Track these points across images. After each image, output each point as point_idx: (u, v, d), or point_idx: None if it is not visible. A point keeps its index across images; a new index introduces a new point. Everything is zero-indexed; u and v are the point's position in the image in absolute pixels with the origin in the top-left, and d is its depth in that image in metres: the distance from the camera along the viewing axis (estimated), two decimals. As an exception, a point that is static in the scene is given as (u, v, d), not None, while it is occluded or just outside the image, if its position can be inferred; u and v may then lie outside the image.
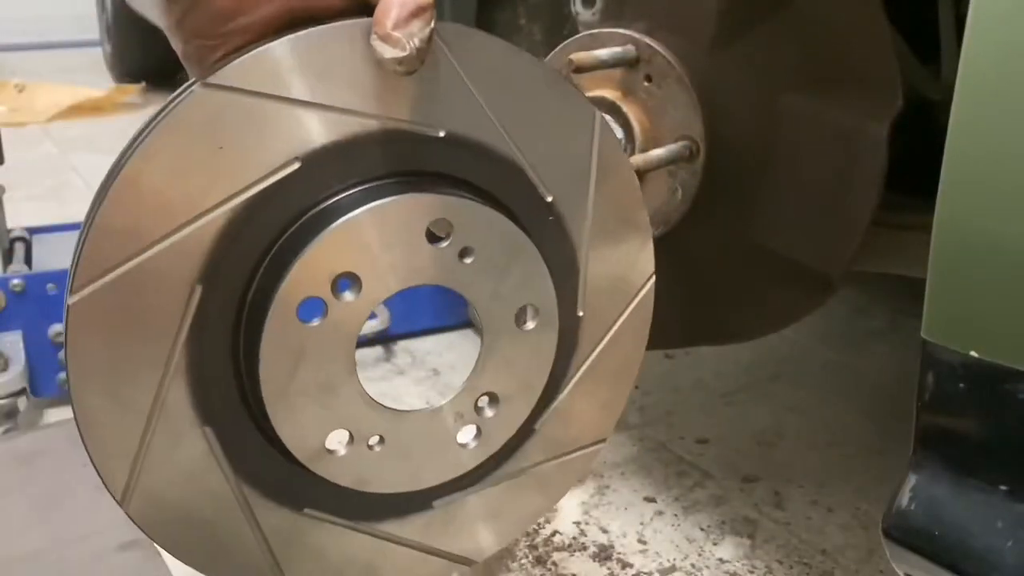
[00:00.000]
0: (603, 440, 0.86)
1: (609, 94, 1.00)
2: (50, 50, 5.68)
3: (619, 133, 0.98)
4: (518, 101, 0.70)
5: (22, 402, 1.46)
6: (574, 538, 1.23)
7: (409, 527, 0.77)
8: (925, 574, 0.69)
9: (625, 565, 1.18)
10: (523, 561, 1.18)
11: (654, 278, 0.82)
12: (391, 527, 0.76)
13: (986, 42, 0.59)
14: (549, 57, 1.05)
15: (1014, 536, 0.63)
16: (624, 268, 0.80)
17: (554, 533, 1.24)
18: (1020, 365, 0.61)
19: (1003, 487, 0.64)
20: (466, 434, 0.74)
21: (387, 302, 1.75)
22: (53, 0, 5.61)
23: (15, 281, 1.53)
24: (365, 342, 1.80)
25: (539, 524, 1.26)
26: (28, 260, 1.77)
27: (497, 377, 0.73)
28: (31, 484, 1.27)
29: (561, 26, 1.21)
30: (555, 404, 0.79)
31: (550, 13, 1.26)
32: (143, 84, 4.21)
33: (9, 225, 1.83)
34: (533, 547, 1.21)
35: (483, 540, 0.82)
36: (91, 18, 4.92)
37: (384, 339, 1.82)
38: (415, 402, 1.47)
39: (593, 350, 0.80)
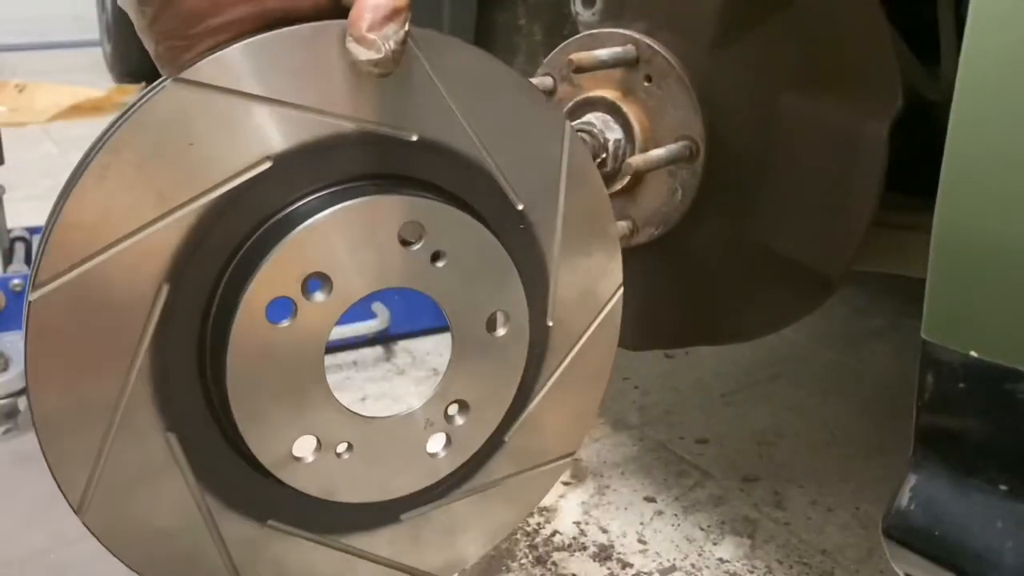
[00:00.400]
0: (572, 453, 0.85)
1: (609, 94, 1.00)
2: (50, 50, 5.68)
3: (619, 133, 0.98)
4: (490, 108, 0.70)
5: (22, 402, 1.46)
6: (574, 538, 1.23)
7: (376, 541, 0.76)
8: (925, 574, 0.69)
9: (625, 565, 1.18)
10: (523, 561, 1.18)
11: (622, 289, 0.82)
12: (357, 540, 0.75)
13: (986, 42, 0.59)
14: (549, 57, 1.05)
15: (1014, 536, 0.63)
16: (593, 278, 0.80)
17: (554, 533, 1.24)
18: (1020, 365, 0.61)
19: (1003, 487, 0.64)
20: (436, 442, 0.73)
21: (387, 302, 1.77)
22: (53, 0, 5.61)
23: (15, 281, 1.53)
24: (365, 342, 1.80)
25: (539, 524, 1.26)
26: (28, 260, 1.78)
27: (467, 384, 0.72)
28: (31, 484, 1.27)
29: (561, 26, 1.21)
30: (525, 415, 0.79)
31: (550, 13, 1.26)
32: (143, 84, 4.22)
33: (9, 225, 1.83)
34: (533, 547, 1.21)
35: (451, 555, 0.81)
36: (91, 18, 4.93)
37: (384, 339, 1.82)
38: (412, 402, 1.48)
39: (562, 360, 0.80)
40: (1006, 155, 0.59)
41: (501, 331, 0.72)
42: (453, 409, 0.73)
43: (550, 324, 0.77)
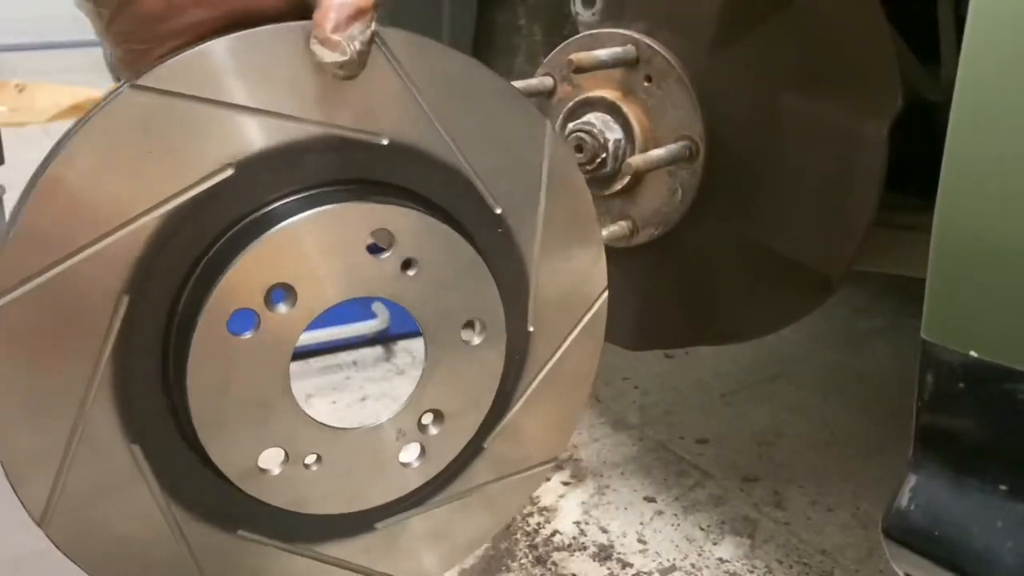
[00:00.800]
0: (555, 459, 0.84)
1: (609, 94, 1.00)
2: (50, 50, 5.68)
3: (619, 133, 0.98)
4: (466, 109, 0.68)
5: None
6: (574, 538, 1.23)
7: (350, 549, 0.74)
8: (925, 574, 0.69)
9: (625, 565, 1.18)
10: (523, 561, 1.18)
11: (607, 293, 0.80)
12: (331, 549, 0.73)
13: (986, 42, 0.59)
14: (549, 57, 1.05)
15: (1014, 536, 0.63)
16: (576, 282, 0.78)
17: (554, 533, 1.24)
18: (1020, 365, 0.61)
19: (1003, 487, 0.64)
20: (409, 453, 0.72)
21: (387, 302, 1.77)
22: (53, 0, 5.62)
23: (15, 281, 1.52)
24: (365, 342, 1.80)
25: (539, 524, 1.26)
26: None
27: (442, 393, 0.71)
28: (31, 484, 1.27)
29: (561, 26, 1.21)
30: (504, 422, 0.77)
31: (550, 13, 1.26)
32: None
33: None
34: (533, 547, 1.21)
35: (428, 563, 0.80)
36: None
37: (384, 339, 1.82)
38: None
39: (544, 366, 0.78)
40: (1006, 155, 0.59)
41: (477, 339, 0.71)
42: (427, 419, 0.72)
43: (531, 329, 0.76)
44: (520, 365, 0.77)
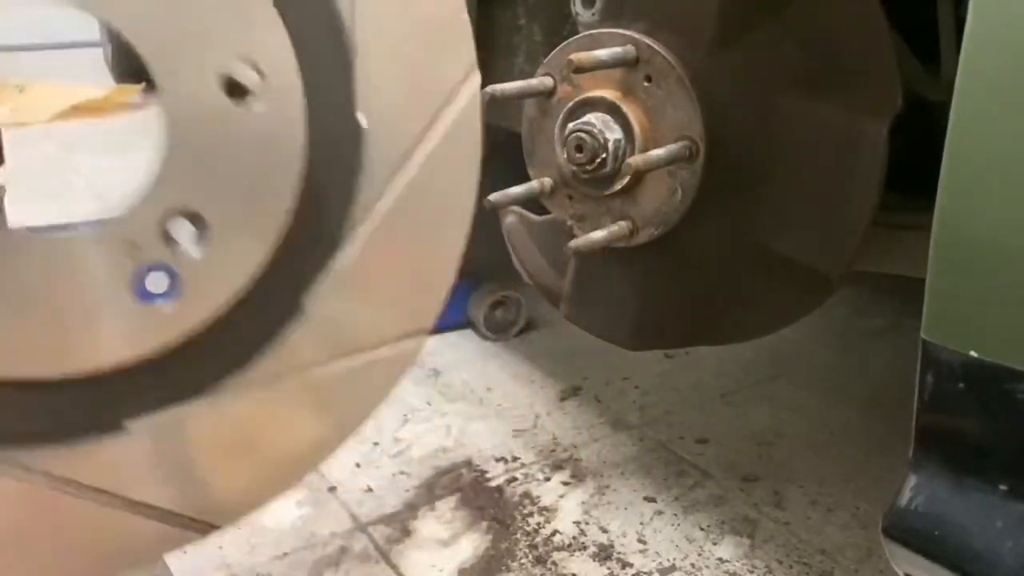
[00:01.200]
0: (422, 331, 0.55)
1: (609, 94, 0.99)
2: (50, 50, 5.68)
3: (619, 133, 0.98)
4: None
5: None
6: (574, 538, 1.23)
7: (84, 462, 0.45)
8: (925, 574, 0.69)
9: (625, 565, 1.18)
10: (523, 561, 1.18)
11: (479, 77, 0.54)
12: (47, 461, 0.43)
13: (986, 42, 0.59)
14: (549, 57, 1.05)
15: (1014, 536, 0.63)
16: (430, 56, 0.51)
17: (554, 533, 1.24)
18: (1020, 365, 0.61)
19: (1003, 487, 0.64)
20: (154, 281, 0.45)
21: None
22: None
23: (15, 281, 1.52)
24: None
25: (539, 524, 1.26)
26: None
27: (199, 184, 0.44)
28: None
29: (561, 26, 1.21)
30: (332, 268, 0.50)
31: (550, 13, 1.26)
32: (144, 84, 4.22)
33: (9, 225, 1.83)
34: (533, 547, 1.21)
35: (227, 490, 0.49)
36: (92, 18, 4.91)
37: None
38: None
39: (390, 181, 0.51)
40: (1006, 155, 0.59)
41: (255, 101, 0.45)
42: (175, 224, 0.45)
43: (363, 123, 0.50)
44: (349, 179, 0.51)
